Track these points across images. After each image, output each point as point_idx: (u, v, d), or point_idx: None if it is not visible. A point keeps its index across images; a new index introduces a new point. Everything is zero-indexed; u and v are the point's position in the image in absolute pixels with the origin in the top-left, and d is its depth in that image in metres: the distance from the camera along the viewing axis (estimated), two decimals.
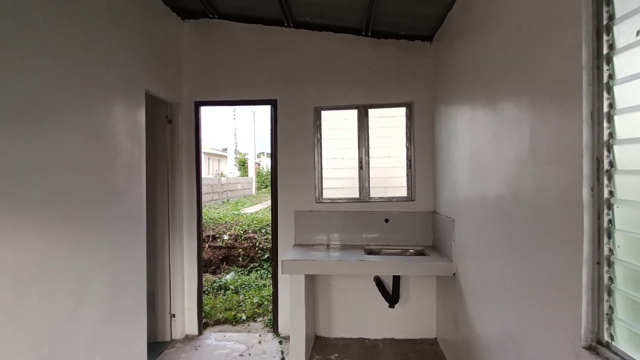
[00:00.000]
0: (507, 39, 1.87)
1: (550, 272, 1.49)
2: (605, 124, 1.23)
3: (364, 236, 3.51)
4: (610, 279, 1.23)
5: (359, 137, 3.56)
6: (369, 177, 3.56)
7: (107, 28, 2.43)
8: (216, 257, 5.85)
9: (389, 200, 3.54)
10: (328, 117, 3.60)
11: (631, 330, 1.15)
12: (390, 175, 3.58)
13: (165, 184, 3.43)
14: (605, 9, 1.22)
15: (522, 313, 1.73)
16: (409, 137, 3.52)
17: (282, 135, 3.57)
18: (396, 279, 3.30)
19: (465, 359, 2.59)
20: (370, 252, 3.28)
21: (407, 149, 3.53)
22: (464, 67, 2.55)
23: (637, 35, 1.11)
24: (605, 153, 1.23)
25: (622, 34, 1.17)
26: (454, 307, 2.88)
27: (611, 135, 1.22)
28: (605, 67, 1.23)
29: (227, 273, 5.66)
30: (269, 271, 5.55)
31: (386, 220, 3.49)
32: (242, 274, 5.59)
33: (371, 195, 3.56)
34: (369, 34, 3.45)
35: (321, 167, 3.60)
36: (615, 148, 1.21)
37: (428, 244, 3.44)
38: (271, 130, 3.61)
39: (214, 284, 4.95)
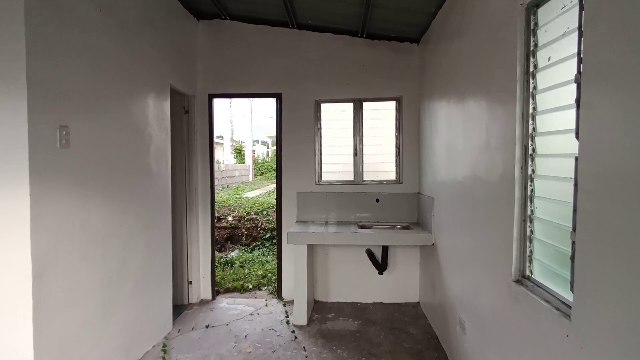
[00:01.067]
0: (472, 51, 2.35)
1: (494, 232, 2.00)
2: (530, 122, 1.72)
3: (358, 214, 4.02)
4: (531, 232, 1.74)
5: (354, 127, 4.04)
6: (362, 162, 4.05)
7: (142, 33, 2.86)
8: (221, 237, 6.34)
9: (380, 182, 4.04)
10: (327, 109, 4.07)
11: (543, 265, 1.66)
12: (381, 161, 4.08)
13: (183, 167, 3.89)
14: (532, 39, 1.70)
15: (478, 268, 2.24)
16: (398, 128, 4.00)
17: (286, 124, 4.04)
18: (384, 250, 3.82)
19: (440, 317, 3.12)
20: (362, 227, 3.79)
21: (397, 138, 4.02)
22: (442, 69, 3.03)
23: (548, 60, 1.59)
24: (530, 142, 1.73)
25: (541, 58, 1.65)
26: (432, 274, 3.41)
27: (534, 129, 1.71)
28: (531, 80, 1.71)
29: (232, 251, 6.17)
30: (270, 249, 6.06)
31: (377, 200, 3.99)
32: (245, 251, 6.10)
33: (364, 179, 4.06)
34: (364, 35, 3.89)
35: (320, 153, 4.08)
36: (537, 139, 1.70)
37: (413, 220, 3.95)
38: (276, 120, 4.07)
39: (221, 260, 5.45)
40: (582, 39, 1.28)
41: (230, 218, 6.51)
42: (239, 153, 25.81)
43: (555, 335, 1.42)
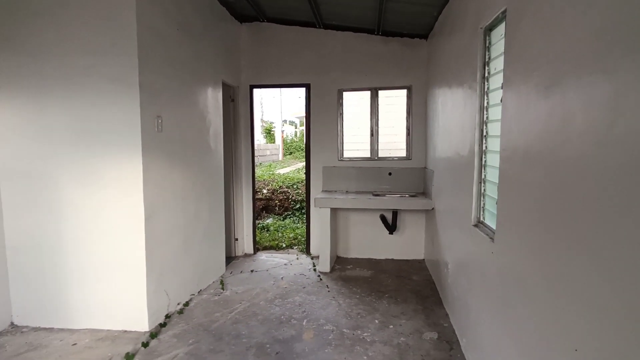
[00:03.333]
0: (456, 53, 3.03)
1: (464, 193, 2.74)
2: (485, 112, 2.44)
3: (373, 185, 4.80)
4: (484, 190, 2.48)
5: (370, 112, 4.77)
6: (378, 141, 4.80)
7: (203, 39, 3.70)
8: (258, 207, 7.30)
9: (392, 159, 4.79)
10: (348, 97, 4.82)
11: (490, 213, 2.41)
12: (394, 141, 4.81)
13: (230, 146, 4.77)
14: (486, 53, 2.40)
15: (455, 221, 3.00)
16: (408, 112, 4.71)
17: (313, 109, 4.82)
18: (394, 214, 4.61)
19: (435, 266, 3.89)
20: (377, 195, 4.57)
21: (407, 120, 4.73)
22: (440, 63, 3.70)
23: (494, 70, 2.29)
24: (484, 127, 2.44)
25: (492, 68, 2.35)
26: (432, 233, 4.18)
27: (487, 118, 2.42)
28: (486, 83, 2.42)
29: (267, 219, 7.13)
30: (300, 217, 6.97)
31: (389, 174, 4.75)
32: (279, 219, 7.04)
33: (379, 155, 4.82)
34: (380, 33, 4.57)
35: (342, 134, 4.86)
36: (489, 125, 2.41)
37: (420, 190, 4.70)
38: (306, 106, 4.87)
39: (259, 225, 6.41)
40: (504, 59, 1.99)
41: (265, 191, 7.45)
42: (268, 133, 26.79)
43: (487, 252, 2.19)
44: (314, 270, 4.40)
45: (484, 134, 2.46)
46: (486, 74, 2.41)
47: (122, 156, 2.77)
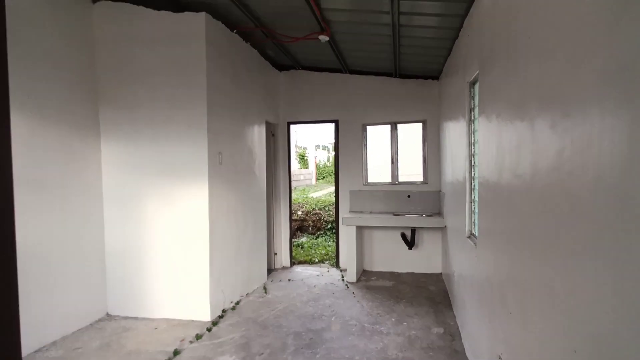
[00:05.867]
0: (455, 94, 3.73)
1: (461, 212, 3.36)
2: (472, 147, 3.10)
3: (394, 206, 5.45)
4: (474, 208, 3.10)
5: (391, 142, 5.49)
6: (397, 168, 5.49)
7: (250, 88, 4.62)
8: (293, 227, 8.07)
9: (411, 183, 5.45)
10: (370, 130, 5.58)
11: (475, 224, 3.02)
12: (412, 167, 5.47)
13: (271, 173, 5.61)
14: (472, 101, 3.09)
15: (457, 235, 3.60)
16: (424, 142, 5.38)
17: (341, 141, 5.61)
18: (413, 231, 5.22)
19: (448, 277, 4.45)
20: (397, 215, 5.22)
21: (423, 150, 5.40)
22: (447, 101, 4.40)
23: (477, 115, 2.97)
24: (472, 159, 3.10)
25: (476, 113, 3.03)
26: (446, 248, 4.75)
27: (474, 151, 3.09)
28: (472, 124, 3.09)
29: (302, 237, 7.87)
30: (330, 236, 7.66)
31: (408, 196, 5.40)
32: (312, 238, 7.76)
33: (399, 180, 5.49)
34: (398, 76, 5.34)
35: (366, 162, 5.59)
36: (475, 157, 3.07)
37: (435, 211, 5.30)
38: (334, 138, 5.66)
39: (294, 243, 7.16)
40: (478, 108, 2.68)
41: (299, 212, 8.23)
42: (302, 159, 27.93)
43: (473, 257, 2.81)
44: (342, 280, 5.06)
45: (472, 164, 3.11)
46: (472, 117, 3.10)
47: (193, 183, 3.64)
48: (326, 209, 8.21)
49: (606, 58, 1.04)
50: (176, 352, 3.05)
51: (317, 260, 6.15)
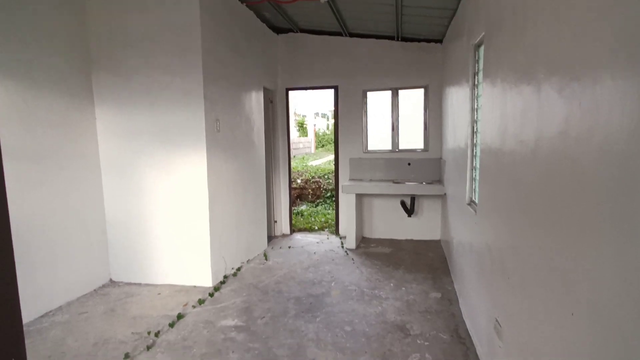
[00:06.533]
0: (459, 58, 3.61)
1: (461, 179, 3.34)
2: (475, 114, 3.03)
3: (394, 174, 5.43)
4: (475, 175, 3.08)
5: (391, 109, 5.39)
6: (398, 135, 5.42)
7: (248, 55, 4.47)
8: (293, 195, 8.09)
9: (411, 150, 5.40)
10: (371, 96, 5.46)
11: (476, 191, 3.01)
12: (413, 134, 5.40)
13: (269, 141, 5.55)
14: (476, 64, 2.98)
15: (457, 202, 3.60)
16: (425, 109, 5.28)
17: (341, 108, 5.50)
18: (413, 199, 5.23)
19: (447, 244, 4.50)
20: (397, 183, 5.21)
21: (424, 116, 5.31)
22: (451, 66, 4.27)
23: (481, 79, 2.88)
24: (475, 125, 3.04)
25: (480, 77, 2.94)
26: (445, 216, 4.77)
27: (477, 118, 3.02)
28: (475, 89, 3.01)
29: (301, 206, 7.91)
30: (330, 204, 7.70)
31: (409, 164, 5.36)
32: (311, 206, 7.81)
33: (399, 148, 5.44)
34: (400, 39, 5.16)
35: (367, 129, 5.51)
36: (477, 123, 3.01)
37: (436, 179, 5.28)
38: (334, 105, 5.55)
39: (294, 211, 7.20)
40: (483, 71, 2.59)
41: (299, 181, 8.23)
42: (301, 127, 27.65)
43: (472, 223, 2.82)
44: (342, 247, 5.13)
45: (475, 130, 3.06)
46: (476, 82, 3.01)
47: (191, 151, 3.60)
48: (326, 177, 8.20)
49: (621, 20, 0.97)
50: (180, 316, 3.12)
51: (316, 228, 6.21)
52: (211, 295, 3.55)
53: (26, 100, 3.04)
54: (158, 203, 3.74)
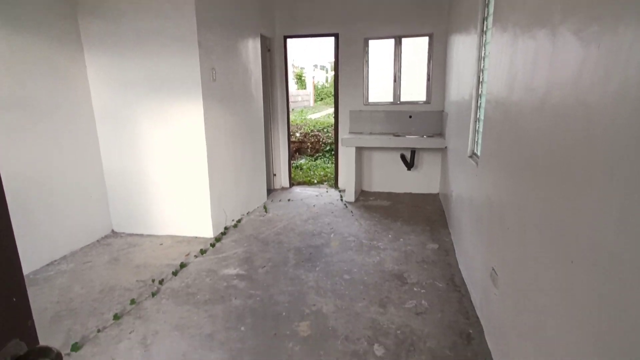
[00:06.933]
0: (467, 3, 3.41)
1: (464, 132, 3.28)
2: (482, 62, 2.91)
3: (395, 127, 5.35)
4: (478, 127, 3.02)
5: (394, 59, 5.19)
6: (400, 87, 5.27)
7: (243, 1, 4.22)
8: (291, 149, 8.03)
9: (413, 103, 5.27)
10: (373, 45, 5.23)
11: (478, 144, 2.97)
12: (415, 86, 5.25)
13: (267, 92, 5.40)
14: (485, 9, 2.82)
15: (458, 155, 3.56)
16: (429, 59, 5.09)
17: (342, 57, 5.29)
18: (413, 152, 5.20)
19: (446, 197, 4.52)
20: (397, 136, 5.14)
21: (428, 67, 5.13)
22: (457, 12, 4.05)
23: (490, 26, 2.73)
24: (481, 74, 2.93)
25: (489, 23, 2.78)
26: (445, 170, 4.76)
27: (483, 67, 2.90)
28: (483, 36, 2.86)
29: (300, 159, 7.88)
30: (329, 158, 7.67)
31: (410, 117, 5.26)
32: (310, 160, 7.78)
33: (401, 100, 5.31)
34: None
35: (368, 80, 5.34)
36: (484, 72, 2.90)
37: (437, 132, 5.21)
38: (335, 54, 5.34)
39: (293, 165, 7.18)
40: (492, 17, 2.45)
41: (298, 134, 8.13)
42: (299, 79, 26.92)
43: (473, 175, 2.80)
44: (341, 200, 5.16)
45: (480, 80, 2.95)
46: (484, 28, 2.85)
47: (187, 101, 3.49)
48: (325, 130, 8.10)
49: None
50: (182, 265, 3.20)
51: (315, 182, 6.22)
52: (212, 245, 3.62)
53: (11, 46, 2.89)
54: (156, 154, 3.69)
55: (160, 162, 3.70)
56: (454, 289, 2.81)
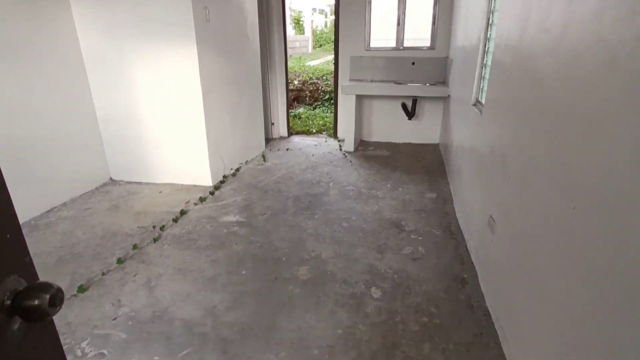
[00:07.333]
0: None
1: (469, 79, 3.16)
2: (492, 2, 2.73)
3: (397, 75, 5.17)
4: (484, 73, 2.91)
5: (398, 0, 4.89)
6: (403, 31, 5.02)
7: None
8: (289, 97, 7.84)
9: (417, 49, 5.05)
10: None
11: (484, 92, 2.87)
12: (419, 30, 5.00)
13: (264, 36, 5.14)
14: None
15: (462, 103, 3.47)
16: (436, 1, 4.79)
17: (342, 0, 4.99)
18: (414, 101, 5.07)
19: (446, 147, 4.47)
20: (399, 84, 4.99)
21: (434, 9, 4.85)
22: None
23: None
24: (491, 16, 2.76)
25: None
26: (446, 120, 4.67)
27: (493, 7, 2.73)
28: None
29: (299, 108, 7.72)
30: (328, 107, 7.50)
31: (413, 63, 5.07)
32: (309, 109, 7.62)
33: (404, 45, 5.08)
34: None
35: (370, 24, 5.07)
36: (494, 13, 2.73)
37: (440, 80, 5.05)
38: None
39: (291, 114, 7.04)
40: None
41: (296, 82, 7.89)
42: (297, 24, 25.67)
43: (476, 124, 2.74)
44: (340, 149, 5.12)
45: (489, 22, 2.79)
46: None
47: (179, 45, 3.32)
48: (324, 78, 7.85)
49: None
50: (183, 213, 3.22)
51: (314, 131, 6.13)
52: (212, 193, 3.62)
53: None
54: (150, 100, 3.58)
55: (155, 109, 3.60)
56: (450, 237, 2.86)
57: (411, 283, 2.32)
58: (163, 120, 3.63)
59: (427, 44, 5.03)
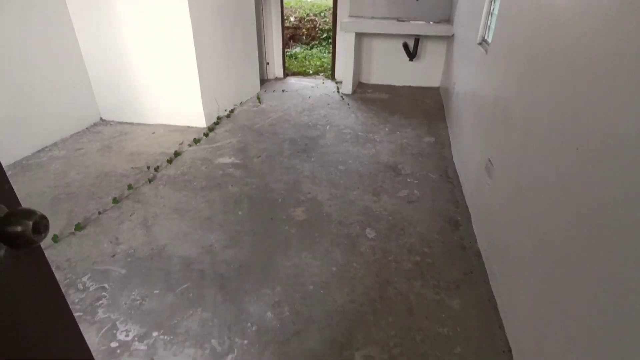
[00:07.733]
0: None
1: (476, 14, 2.97)
2: None
3: (399, 11, 4.87)
4: (493, 9, 2.73)
5: None
6: None
7: None
8: (285, 36, 7.45)
9: None
10: None
11: (492, 30, 2.72)
12: None
13: None
14: None
15: (468, 46, 3.30)
16: None
17: None
18: (417, 41, 4.84)
19: (447, 90, 4.34)
20: (401, 21, 4.72)
21: None
22: None
23: None
24: None
25: None
26: (449, 61, 4.48)
27: None
28: None
29: (295, 48, 7.37)
30: (326, 47, 7.17)
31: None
32: (306, 49, 7.28)
33: None
34: None
35: None
36: None
37: (445, 18, 4.77)
38: None
39: (287, 54, 6.73)
40: None
41: (292, 19, 7.46)
42: None
43: (480, 63, 2.63)
44: (338, 92, 4.97)
45: None
46: None
47: None
48: (322, 14, 7.41)
49: None
50: (177, 154, 3.17)
51: (311, 72, 5.91)
52: (206, 135, 3.55)
53: None
54: (137, 36, 3.36)
55: (143, 45, 3.40)
56: (446, 180, 2.86)
57: (405, 225, 2.35)
58: (152, 58, 3.44)
59: None
